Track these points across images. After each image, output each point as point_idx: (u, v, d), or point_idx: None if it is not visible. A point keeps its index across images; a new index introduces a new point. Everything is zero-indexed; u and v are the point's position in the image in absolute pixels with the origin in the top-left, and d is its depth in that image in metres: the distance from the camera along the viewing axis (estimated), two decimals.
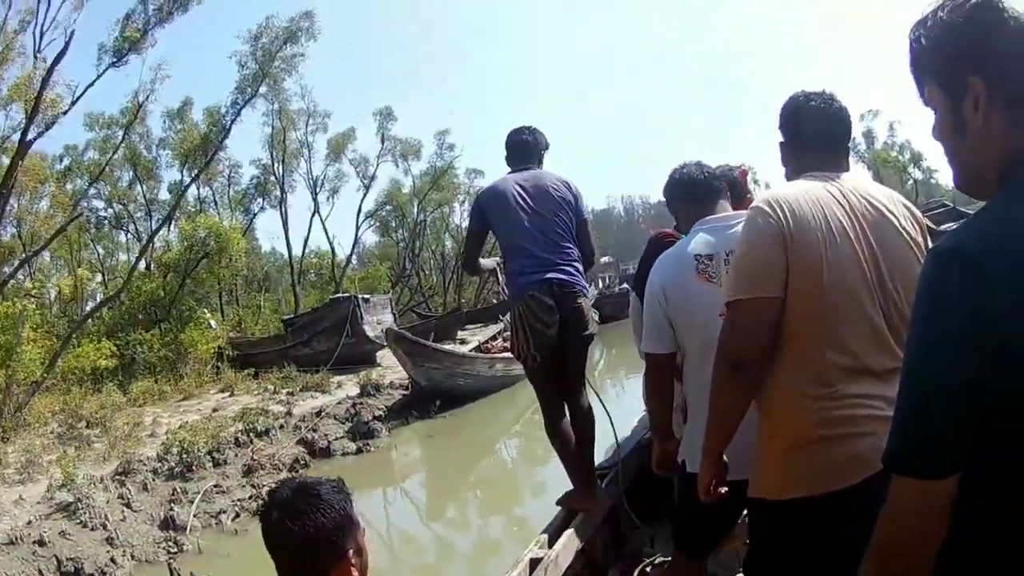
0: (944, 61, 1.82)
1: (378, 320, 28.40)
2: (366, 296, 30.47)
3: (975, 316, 1.58)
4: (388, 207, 55.86)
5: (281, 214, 47.12)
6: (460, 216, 60.53)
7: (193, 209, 43.27)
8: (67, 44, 23.54)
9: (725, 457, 3.38)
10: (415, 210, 55.59)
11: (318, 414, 18.58)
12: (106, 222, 44.99)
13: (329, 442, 16.73)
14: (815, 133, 3.40)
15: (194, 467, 14.13)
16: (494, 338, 28.47)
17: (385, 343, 24.02)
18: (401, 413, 19.65)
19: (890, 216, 3.15)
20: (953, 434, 1.64)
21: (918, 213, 3.33)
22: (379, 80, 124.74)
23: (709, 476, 3.41)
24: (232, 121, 35.41)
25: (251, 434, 16.45)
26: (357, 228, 52.64)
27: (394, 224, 57.66)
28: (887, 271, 3.03)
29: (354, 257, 60.57)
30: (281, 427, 17.48)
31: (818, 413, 2.97)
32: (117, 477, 13.48)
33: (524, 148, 6.70)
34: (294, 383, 23.22)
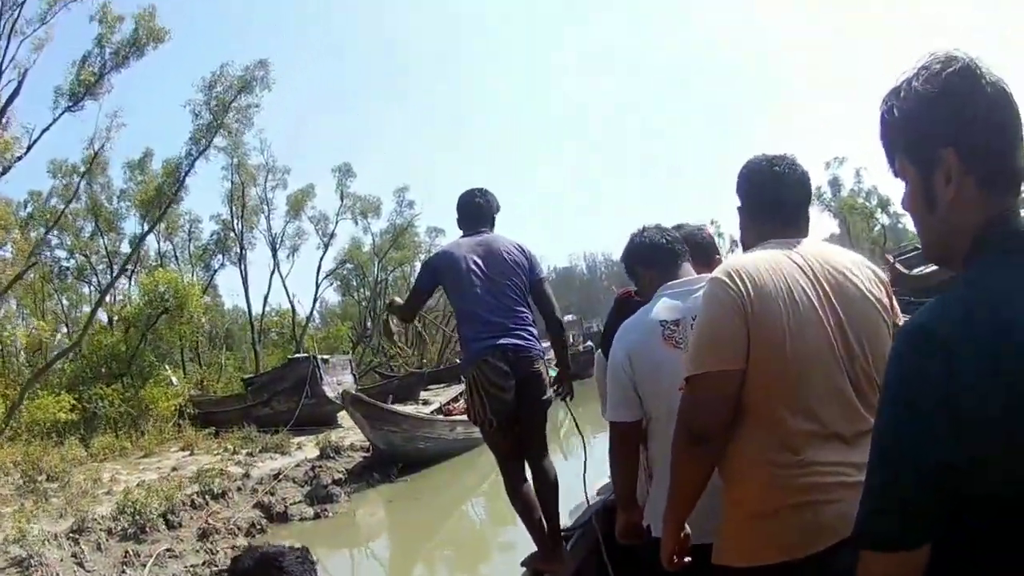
0: (916, 134, 1.85)
1: (338, 381, 28.11)
2: (325, 356, 30.24)
3: (944, 396, 1.60)
4: (349, 265, 55.58)
5: (241, 271, 46.72)
6: None
7: (154, 264, 43.08)
8: (20, 84, 23.59)
9: (687, 526, 3.33)
10: (376, 269, 55.44)
11: (276, 477, 18.28)
12: (68, 273, 44.64)
13: (287, 506, 16.51)
14: (777, 200, 3.38)
15: (147, 529, 13.84)
16: (455, 399, 28.33)
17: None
18: (362, 476, 19.43)
19: (854, 280, 3.13)
20: (924, 508, 1.67)
21: (881, 274, 3.33)
22: (337, 136, 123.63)
23: (671, 545, 3.35)
24: (186, 173, 34.95)
25: (207, 496, 16.14)
26: (317, 287, 52.24)
27: (355, 283, 57.54)
28: (853, 336, 3.01)
29: (316, 316, 60.09)
30: (239, 489, 17.21)
31: (785, 480, 2.92)
32: (71, 535, 13.20)
33: (477, 211, 6.80)
34: (253, 444, 22.82)
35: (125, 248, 43.12)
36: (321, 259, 51.99)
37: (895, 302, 3.24)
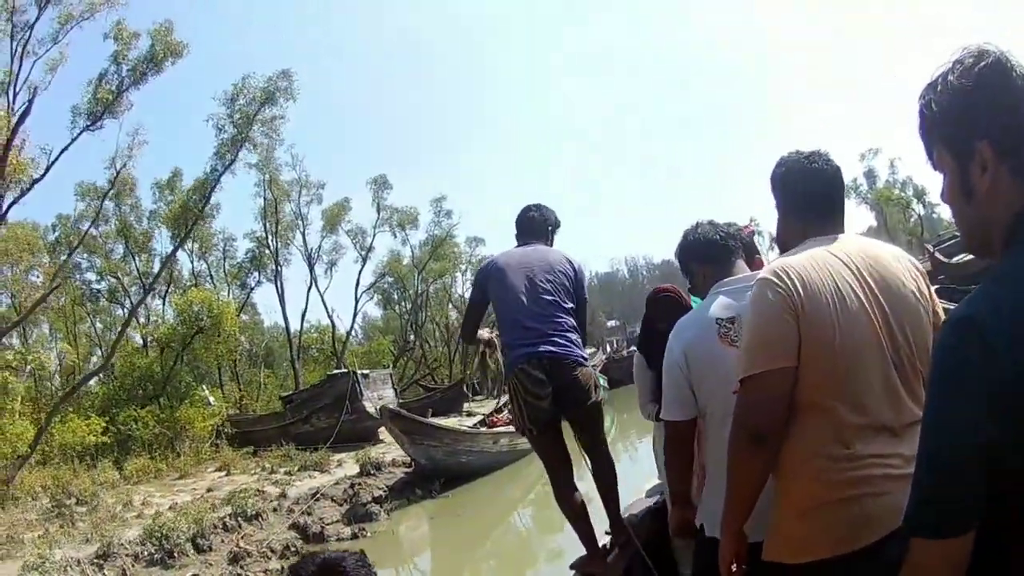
0: (952, 127, 1.90)
1: (379, 395, 27.64)
2: (365, 372, 29.69)
3: (988, 383, 1.66)
4: (389, 279, 54.97)
5: (277, 288, 45.90)
6: (462, 286, 59.77)
7: (188, 284, 42.35)
8: (30, 103, 22.71)
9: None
10: (416, 281, 54.60)
11: (314, 496, 17.63)
12: (100, 295, 44.11)
13: (323, 526, 15.86)
14: (817, 196, 3.41)
15: (175, 553, 13.32)
16: (499, 410, 27.53)
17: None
18: (403, 492, 18.78)
19: (896, 273, 3.17)
20: (969, 496, 1.72)
21: (919, 266, 3.37)
22: (371, 150, 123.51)
23: (731, 550, 3.34)
24: (212, 188, 34.00)
25: (240, 518, 15.60)
26: (356, 301, 51.20)
27: (396, 296, 56.80)
28: (898, 329, 3.05)
29: (358, 330, 59.51)
30: (275, 510, 16.63)
31: (836, 475, 2.95)
32: (95, 561, 12.82)
33: (530, 224, 6.79)
34: (292, 462, 22.37)
35: (157, 268, 42.83)
36: (360, 273, 51.20)
37: (933, 292, 3.31)
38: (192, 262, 45.18)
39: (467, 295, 61.94)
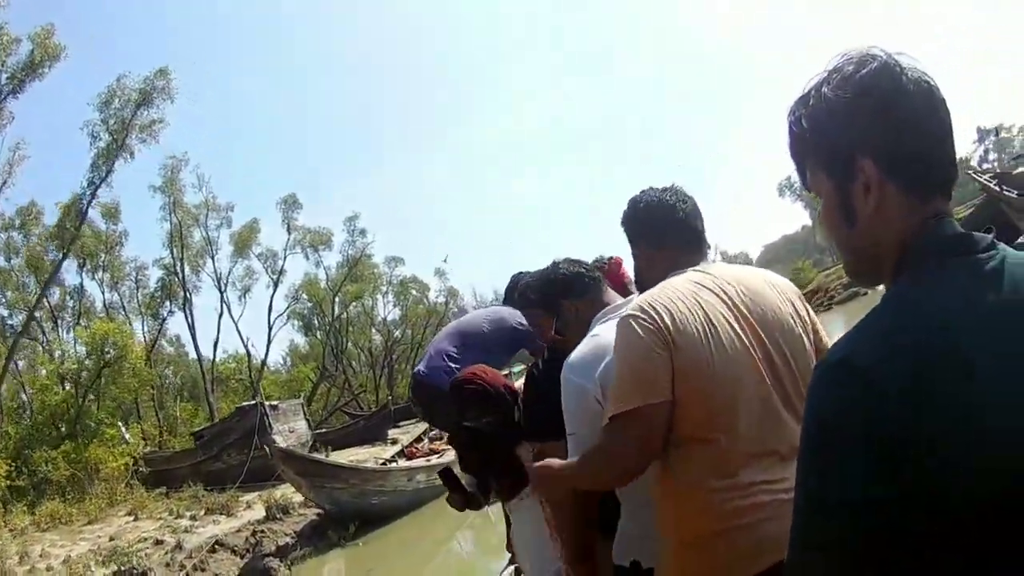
0: (829, 145, 1.74)
1: (290, 428, 27.03)
2: (274, 403, 28.89)
3: (868, 429, 1.50)
4: (308, 303, 53.97)
5: (186, 316, 45.08)
6: (384, 308, 58.97)
7: (101, 316, 41.13)
8: None
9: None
10: (334, 306, 53.72)
11: (212, 547, 16.85)
12: (11, 330, 41.81)
13: None
14: (682, 229, 3.40)
15: None
16: (419, 439, 26.91)
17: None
18: (312, 539, 17.87)
19: (770, 299, 3.15)
20: (852, 553, 1.53)
21: (795, 289, 3.40)
22: (282, 171, 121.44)
23: None
24: (88, 204, 32.91)
25: None
26: (270, 327, 50.01)
27: (316, 322, 55.73)
28: (776, 353, 3.02)
29: (281, 358, 58.48)
30: (167, 565, 15.88)
31: (722, 505, 2.91)
32: None
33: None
34: (199, 505, 21.62)
35: (68, 300, 41.63)
36: (272, 298, 50.22)
37: (814, 314, 3.34)
38: (103, 293, 44.22)
39: (389, 317, 60.91)
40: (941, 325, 1.53)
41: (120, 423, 32.55)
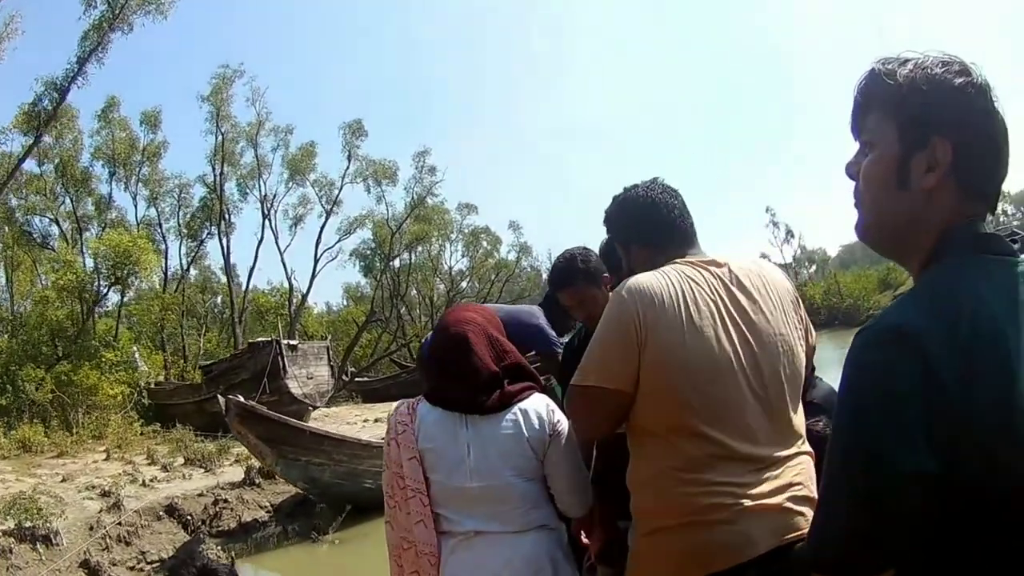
0: (917, 110, 1.78)
1: (308, 373, 23.69)
2: (293, 342, 25.40)
3: (921, 397, 1.53)
4: (371, 243, 50.64)
5: (220, 239, 42.03)
6: (451, 257, 56.64)
7: (139, 232, 37.02)
8: None
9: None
10: (397, 246, 50.09)
11: (162, 512, 13.69)
12: (34, 236, 39.32)
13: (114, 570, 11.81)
14: (671, 227, 3.39)
15: None
16: None
17: (314, 403, 18.76)
18: (290, 518, 14.42)
19: (766, 295, 3.13)
20: (900, 528, 1.58)
21: (793, 289, 3.37)
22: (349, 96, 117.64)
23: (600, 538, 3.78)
24: (71, 81, 28.45)
25: (17, 538, 11.89)
26: (316, 260, 46.21)
27: (378, 263, 52.15)
28: (764, 356, 3.00)
29: (338, 299, 55.65)
30: (91, 528, 12.65)
31: (681, 498, 2.91)
32: None
33: None
34: (179, 452, 18.58)
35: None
36: (322, 229, 46.55)
37: (807, 318, 3.34)
38: (136, 206, 41.26)
39: (456, 267, 58.07)
40: (986, 308, 1.58)
41: (135, 347, 29.82)
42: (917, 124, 1.75)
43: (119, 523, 12.99)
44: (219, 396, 15.33)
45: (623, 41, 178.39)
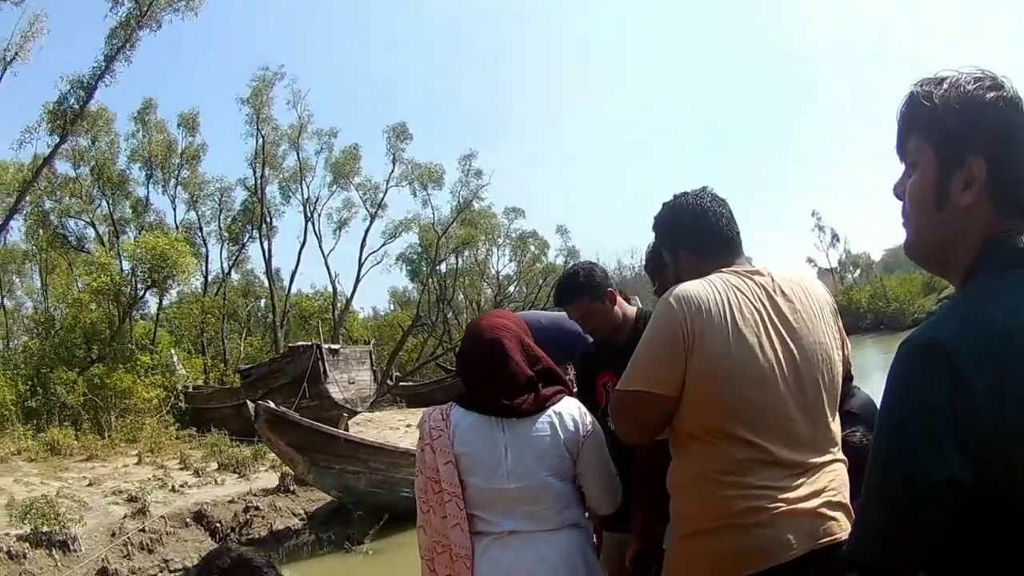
0: (952, 129, 1.81)
1: (350, 378, 22.94)
2: (335, 346, 24.65)
3: (952, 408, 1.55)
4: (417, 247, 50.20)
5: (261, 243, 41.66)
6: (498, 262, 56.22)
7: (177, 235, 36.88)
8: None
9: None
10: (437, 248, 49.14)
11: (186, 520, 12.99)
12: (68, 240, 38.89)
13: None
14: (719, 235, 3.42)
15: None
16: None
17: (355, 408, 17.98)
18: (325, 526, 13.63)
19: (806, 306, 3.18)
20: (933, 535, 1.61)
21: (832, 300, 3.43)
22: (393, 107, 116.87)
23: (635, 547, 3.94)
24: (98, 79, 27.72)
25: (33, 543, 11.37)
26: (360, 264, 45.60)
27: (424, 268, 51.60)
28: (804, 365, 3.04)
29: (383, 303, 55.10)
30: (113, 535, 12.03)
31: (720, 501, 2.95)
32: None
33: None
34: (213, 457, 18.01)
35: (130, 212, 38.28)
36: (366, 232, 46.02)
37: (843, 329, 3.39)
38: (174, 209, 40.76)
39: (505, 271, 57.34)
40: (1020, 322, 1.58)
41: (173, 351, 29.44)
42: (952, 143, 1.78)
43: (142, 529, 12.37)
44: (248, 402, 14.56)
45: (669, 41, 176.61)
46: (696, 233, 3.42)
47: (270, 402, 14.42)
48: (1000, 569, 1.56)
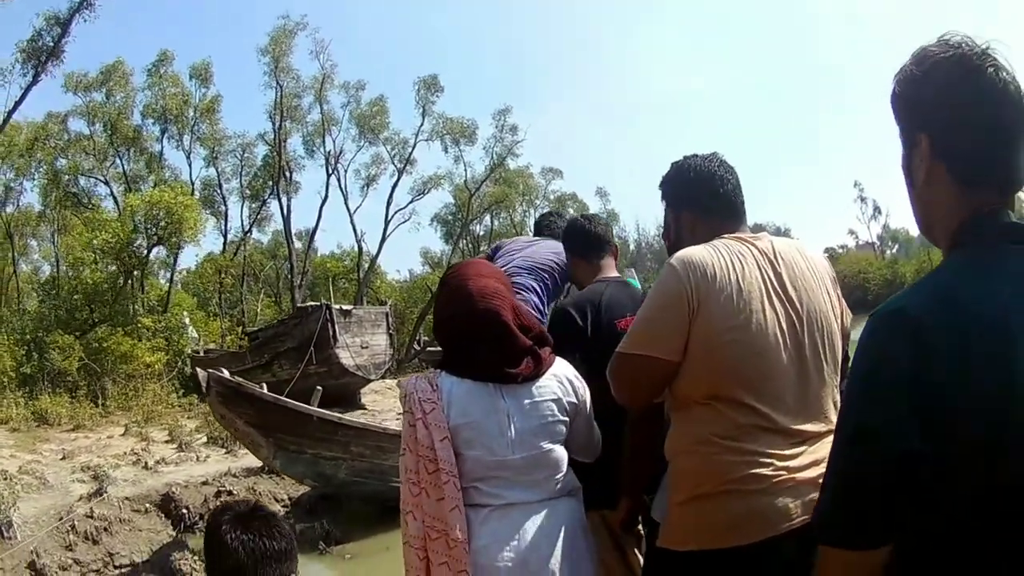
0: (903, 111, 1.93)
1: (363, 343, 21.26)
2: (347, 307, 22.75)
3: (919, 386, 1.62)
4: (452, 206, 48.65)
5: (278, 198, 40.36)
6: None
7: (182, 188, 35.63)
8: None
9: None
10: (470, 208, 47.76)
11: (145, 506, 11.33)
12: (79, 198, 38.18)
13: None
14: (725, 200, 3.44)
15: None
16: None
17: (368, 375, 16.71)
18: (311, 515, 11.98)
19: (810, 276, 3.20)
20: (888, 504, 1.68)
21: (832, 271, 3.43)
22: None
23: (625, 510, 3.88)
24: (75, 11, 26.83)
25: None
26: (387, 222, 43.97)
27: (459, 228, 50.47)
28: (806, 333, 3.07)
29: (417, 264, 53.91)
30: (59, 518, 10.45)
31: (721, 466, 2.95)
32: None
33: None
34: (206, 428, 16.55)
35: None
36: (393, 188, 44.45)
37: (843, 300, 3.38)
38: (190, 165, 39.91)
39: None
40: (993, 296, 1.66)
41: (184, 312, 28.35)
42: (906, 122, 1.90)
43: (89, 515, 10.63)
44: (198, 369, 12.96)
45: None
46: (701, 194, 3.43)
47: (224, 370, 11.88)
48: (957, 542, 1.61)
